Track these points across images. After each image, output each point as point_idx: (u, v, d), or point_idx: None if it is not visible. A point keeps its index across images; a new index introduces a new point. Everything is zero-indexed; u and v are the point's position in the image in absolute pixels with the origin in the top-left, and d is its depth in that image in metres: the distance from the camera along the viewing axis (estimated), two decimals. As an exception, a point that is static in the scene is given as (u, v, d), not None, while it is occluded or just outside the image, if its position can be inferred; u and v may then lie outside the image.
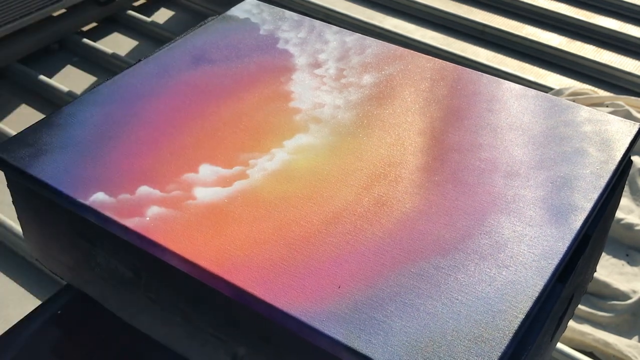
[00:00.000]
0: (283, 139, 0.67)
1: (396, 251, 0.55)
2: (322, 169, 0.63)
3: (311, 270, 0.53)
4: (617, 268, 1.40)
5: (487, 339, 0.48)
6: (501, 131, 0.68)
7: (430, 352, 0.47)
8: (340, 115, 0.71)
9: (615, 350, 1.22)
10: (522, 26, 2.24)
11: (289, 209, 0.59)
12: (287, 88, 0.74)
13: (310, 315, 0.49)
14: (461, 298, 0.51)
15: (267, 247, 0.55)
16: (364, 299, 0.51)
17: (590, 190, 0.61)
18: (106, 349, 0.68)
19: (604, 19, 2.23)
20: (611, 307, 1.30)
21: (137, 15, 2.27)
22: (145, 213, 0.58)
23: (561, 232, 0.57)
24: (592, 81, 2.02)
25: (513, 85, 0.76)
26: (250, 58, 0.79)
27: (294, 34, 0.83)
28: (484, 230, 0.57)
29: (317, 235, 0.56)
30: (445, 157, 0.65)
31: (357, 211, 0.59)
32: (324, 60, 0.79)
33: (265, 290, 0.51)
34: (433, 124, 0.69)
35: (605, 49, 2.13)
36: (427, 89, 0.75)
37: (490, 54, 2.13)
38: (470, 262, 0.54)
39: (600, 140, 0.68)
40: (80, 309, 0.71)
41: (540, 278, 0.52)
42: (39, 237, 0.69)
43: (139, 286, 0.60)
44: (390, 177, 0.62)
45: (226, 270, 0.53)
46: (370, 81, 0.76)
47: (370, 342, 0.47)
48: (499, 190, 0.61)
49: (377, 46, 0.82)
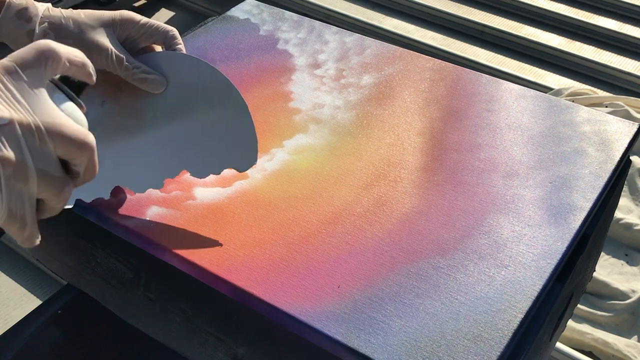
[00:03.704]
0: (283, 139, 0.67)
1: (395, 251, 0.55)
2: (322, 169, 0.63)
3: (311, 270, 0.53)
4: (617, 268, 1.40)
5: (486, 338, 0.48)
6: (500, 131, 0.69)
7: (429, 351, 0.47)
8: (339, 115, 0.71)
9: (614, 350, 1.22)
10: (522, 26, 2.24)
11: (289, 209, 0.59)
12: (286, 88, 0.74)
13: (310, 315, 0.49)
14: (460, 298, 0.51)
15: (267, 247, 0.55)
16: (364, 299, 0.51)
17: (589, 190, 0.61)
18: (106, 349, 0.68)
19: (603, 19, 2.23)
20: (610, 306, 1.31)
21: (136, 15, 2.27)
22: (145, 213, 0.58)
23: (560, 232, 0.57)
24: (591, 81, 2.02)
25: (512, 86, 0.76)
26: (250, 58, 0.79)
27: (294, 34, 0.83)
28: (483, 230, 0.57)
29: (317, 235, 0.56)
30: (445, 157, 0.65)
31: (357, 211, 0.59)
32: (323, 61, 0.79)
33: (265, 290, 0.51)
34: (432, 124, 0.70)
35: (604, 49, 2.13)
36: (426, 89, 0.75)
37: (489, 54, 2.13)
38: (470, 262, 0.54)
39: (599, 140, 0.68)
40: (80, 309, 0.71)
41: (539, 278, 0.53)
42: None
43: (139, 286, 0.60)
44: (389, 177, 0.62)
45: (226, 270, 0.53)
46: (369, 81, 0.76)
47: (370, 341, 0.48)
48: (498, 190, 0.61)
49: (376, 46, 0.82)
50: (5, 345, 0.68)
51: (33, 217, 0.41)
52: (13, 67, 0.40)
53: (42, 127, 0.39)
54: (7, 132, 0.38)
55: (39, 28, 0.56)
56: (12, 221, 0.39)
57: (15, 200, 0.39)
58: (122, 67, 0.57)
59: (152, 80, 0.58)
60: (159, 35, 0.60)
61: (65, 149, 0.40)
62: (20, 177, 0.38)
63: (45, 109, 0.40)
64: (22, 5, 0.56)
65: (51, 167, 0.40)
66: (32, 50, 0.41)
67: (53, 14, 0.57)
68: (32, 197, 0.40)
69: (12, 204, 0.39)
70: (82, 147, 0.41)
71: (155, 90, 0.59)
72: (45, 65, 0.41)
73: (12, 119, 0.38)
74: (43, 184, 0.40)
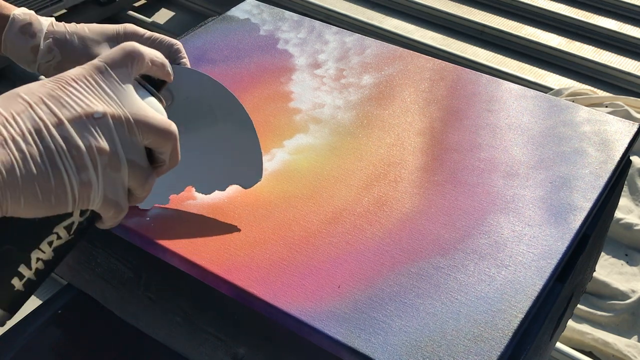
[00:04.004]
0: (283, 139, 0.67)
1: (396, 251, 0.55)
2: (322, 169, 0.63)
3: (311, 270, 0.53)
4: (617, 268, 1.40)
5: (486, 338, 0.48)
6: (500, 131, 0.69)
7: (429, 351, 0.47)
8: (340, 115, 0.71)
9: (614, 350, 1.22)
10: (522, 26, 2.24)
11: (289, 208, 0.59)
12: (287, 88, 0.74)
13: (310, 314, 0.49)
14: (461, 298, 0.51)
15: (267, 247, 0.55)
16: (364, 299, 0.51)
17: (589, 190, 0.61)
18: (106, 349, 0.68)
19: (603, 19, 2.24)
20: (610, 306, 1.31)
21: (137, 15, 2.27)
22: (145, 213, 0.58)
23: (560, 232, 0.57)
24: (591, 81, 2.02)
25: (512, 86, 0.76)
26: (250, 58, 0.79)
27: (294, 34, 0.83)
28: (483, 230, 0.57)
29: (317, 235, 0.56)
30: (445, 157, 0.65)
31: (357, 211, 0.59)
32: (323, 61, 0.79)
33: (265, 290, 0.51)
34: (432, 124, 0.70)
35: (604, 49, 2.13)
36: (426, 89, 0.75)
37: (489, 54, 2.13)
38: (470, 262, 0.54)
39: (599, 140, 0.68)
40: (80, 309, 0.71)
41: (540, 278, 0.53)
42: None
43: (139, 286, 0.60)
44: (390, 177, 0.62)
45: (226, 270, 0.53)
46: (370, 81, 0.76)
47: (370, 341, 0.48)
48: (498, 190, 0.61)
49: (376, 46, 0.82)
50: (5, 345, 0.68)
51: (126, 203, 0.44)
52: (104, 67, 0.44)
53: (131, 119, 0.43)
54: (101, 124, 0.41)
55: (44, 44, 0.56)
56: (108, 206, 0.43)
57: (110, 188, 0.42)
58: None
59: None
60: (163, 48, 0.60)
61: (153, 138, 0.44)
62: (113, 166, 0.42)
63: (132, 102, 0.44)
64: (26, 20, 0.56)
65: (139, 157, 0.44)
66: (120, 51, 0.45)
67: (57, 30, 0.57)
68: (124, 185, 0.44)
69: (108, 190, 0.42)
70: (168, 136, 0.45)
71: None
72: (132, 64, 0.45)
73: (105, 112, 0.42)
74: (132, 173, 0.44)
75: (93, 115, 0.41)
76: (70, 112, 0.40)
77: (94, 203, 0.42)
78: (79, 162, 0.40)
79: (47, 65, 0.57)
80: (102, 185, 0.42)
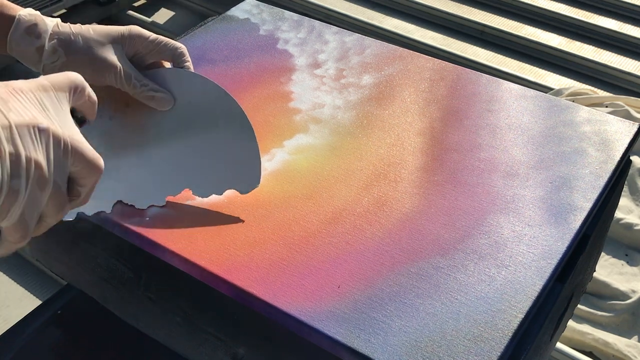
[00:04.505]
0: (283, 139, 0.67)
1: (396, 251, 0.55)
2: (322, 169, 0.63)
3: (311, 270, 0.53)
4: (617, 268, 1.40)
5: (486, 338, 0.48)
6: (500, 131, 0.69)
7: (429, 351, 0.47)
8: (340, 115, 0.71)
9: (614, 350, 1.22)
10: (522, 26, 2.24)
11: (289, 208, 0.59)
12: (287, 88, 0.74)
13: (310, 314, 0.49)
14: (460, 298, 0.51)
15: (267, 247, 0.55)
16: (364, 299, 0.51)
17: (589, 190, 0.61)
18: (106, 349, 0.68)
19: (603, 19, 2.23)
20: (611, 306, 1.30)
21: (137, 15, 2.27)
22: (145, 213, 0.58)
23: (560, 232, 0.57)
24: (591, 81, 2.02)
25: (512, 86, 0.76)
26: (250, 58, 0.79)
27: (294, 34, 0.83)
28: (483, 230, 0.57)
29: (317, 235, 0.56)
30: (445, 157, 0.65)
31: (357, 211, 0.59)
32: (323, 61, 0.79)
33: (265, 290, 0.51)
34: (432, 124, 0.70)
35: (604, 49, 2.13)
36: (426, 89, 0.75)
37: (489, 54, 2.13)
38: (470, 262, 0.54)
39: (600, 140, 0.68)
40: (80, 309, 0.71)
41: (540, 278, 0.52)
42: (39, 237, 0.69)
43: (139, 286, 0.60)
44: (390, 177, 0.62)
45: (226, 270, 0.53)
46: (370, 81, 0.76)
47: (370, 341, 0.48)
48: (498, 190, 0.61)
49: (376, 46, 0.82)
50: (5, 345, 0.68)
51: (33, 229, 0.41)
52: (49, 86, 0.43)
53: (68, 141, 0.41)
54: (43, 138, 0.40)
55: (49, 45, 0.56)
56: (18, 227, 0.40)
57: (30, 206, 0.40)
58: (130, 84, 0.58)
59: (160, 98, 0.59)
60: (167, 51, 0.60)
61: (81, 167, 0.42)
62: (41, 183, 0.40)
63: (71, 127, 0.42)
64: (31, 21, 0.56)
65: (63, 182, 0.42)
66: (65, 77, 0.44)
67: (62, 30, 0.57)
68: (41, 207, 0.41)
69: (27, 208, 0.39)
70: (95, 169, 0.43)
71: (162, 108, 0.60)
72: (73, 93, 0.44)
73: (49, 127, 0.40)
74: (53, 197, 0.41)
75: (38, 127, 0.39)
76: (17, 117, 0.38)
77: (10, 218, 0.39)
78: (15, 168, 0.38)
79: (52, 66, 0.57)
80: (25, 201, 0.39)
